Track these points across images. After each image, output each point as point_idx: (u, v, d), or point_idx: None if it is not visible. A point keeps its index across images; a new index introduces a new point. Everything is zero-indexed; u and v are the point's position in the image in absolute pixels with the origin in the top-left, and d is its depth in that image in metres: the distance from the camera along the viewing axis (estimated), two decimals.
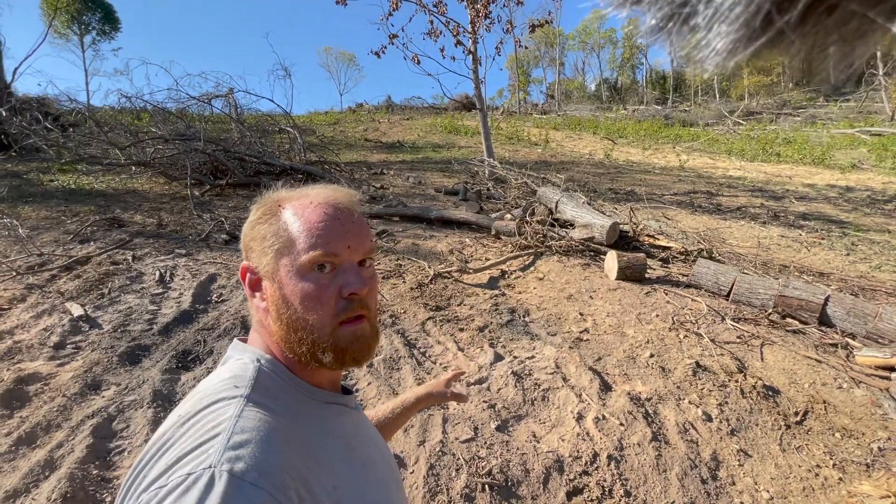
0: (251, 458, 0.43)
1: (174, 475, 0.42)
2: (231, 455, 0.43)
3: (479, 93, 9.26)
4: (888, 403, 2.48)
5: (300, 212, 0.58)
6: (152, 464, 0.45)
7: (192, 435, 0.46)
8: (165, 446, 0.46)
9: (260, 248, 0.58)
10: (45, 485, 1.75)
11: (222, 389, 0.52)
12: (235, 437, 0.45)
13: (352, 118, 21.54)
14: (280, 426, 0.50)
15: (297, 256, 0.56)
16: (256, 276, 0.60)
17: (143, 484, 0.43)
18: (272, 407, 0.52)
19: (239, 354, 0.60)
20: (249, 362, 0.57)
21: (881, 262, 4.93)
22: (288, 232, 0.57)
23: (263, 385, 0.54)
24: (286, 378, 0.58)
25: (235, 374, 0.55)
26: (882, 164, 11.69)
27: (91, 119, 7.89)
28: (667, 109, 28.44)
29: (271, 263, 0.57)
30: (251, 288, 0.61)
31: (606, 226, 4.72)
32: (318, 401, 0.59)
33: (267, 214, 0.59)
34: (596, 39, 50.86)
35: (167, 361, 2.64)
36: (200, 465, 0.42)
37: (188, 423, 0.48)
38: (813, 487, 1.98)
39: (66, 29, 31.19)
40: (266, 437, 0.47)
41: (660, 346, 2.99)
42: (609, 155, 13.08)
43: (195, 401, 0.52)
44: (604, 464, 2.03)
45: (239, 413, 0.48)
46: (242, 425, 0.47)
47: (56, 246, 4.48)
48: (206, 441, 0.45)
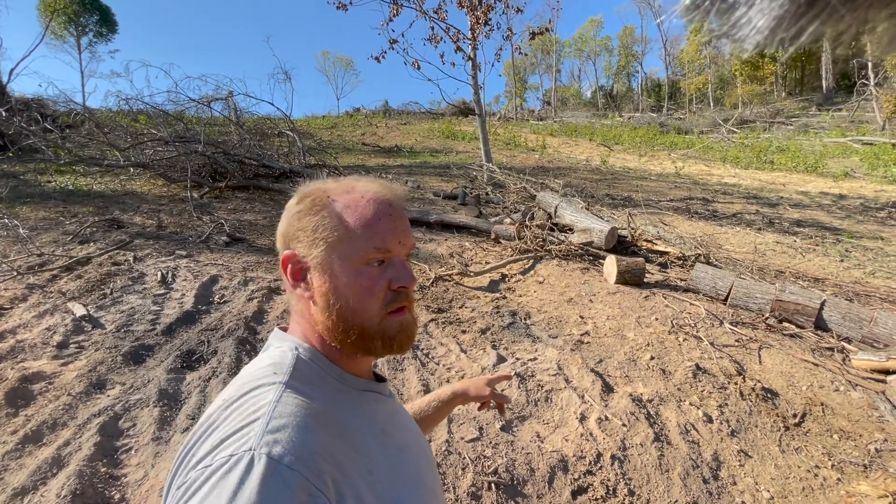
0: (288, 442, 0.46)
1: (218, 455, 0.44)
2: (269, 439, 0.45)
3: (477, 98, 9.33)
4: (884, 406, 2.52)
5: (354, 206, 0.59)
6: (200, 443, 0.48)
7: (235, 418, 0.48)
8: (212, 428, 0.49)
9: (309, 239, 0.59)
10: (53, 482, 1.75)
11: (262, 376, 0.54)
12: (274, 421, 0.47)
13: (349, 122, 21.59)
14: (316, 412, 0.52)
15: (355, 251, 0.58)
16: (301, 266, 0.60)
17: (192, 462, 0.46)
18: (309, 393, 0.54)
19: (279, 343, 0.62)
20: (288, 350, 0.59)
21: (875, 269, 5.01)
22: (343, 226, 0.58)
23: (301, 372, 0.56)
24: (323, 366, 0.60)
25: (275, 362, 0.57)
26: (874, 173, 11.87)
27: (91, 120, 7.88)
28: (662, 117, 28.74)
29: (323, 255, 0.58)
30: (294, 278, 0.61)
31: (605, 230, 4.77)
32: (354, 388, 0.61)
33: (317, 206, 0.60)
34: (592, 47, 51.38)
35: (172, 361, 2.64)
36: (242, 448, 0.44)
37: (231, 407, 0.50)
38: (812, 487, 2.02)
39: (62, 30, 31.14)
40: (303, 422, 0.49)
41: (660, 349, 3.02)
42: (605, 161, 13.20)
43: (238, 385, 0.54)
44: (607, 463, 2.06)
45: (278, 398, 0.50)
46: (281, 410, 0.49)
47: (56, 246, 4.46)
48: (248, 424, 0.47)
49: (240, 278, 3.91)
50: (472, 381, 1.06)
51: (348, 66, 56.73)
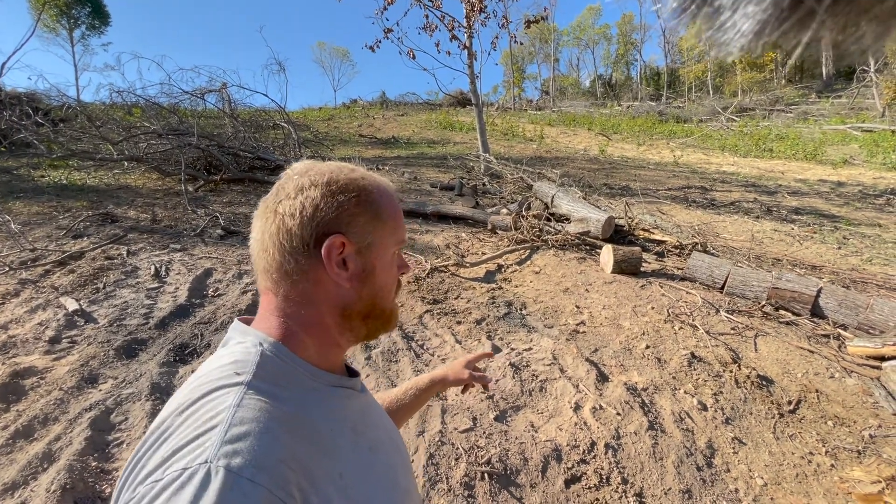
0: (249, 452, 0.42)
1: (170, 469, 0.41)
2: (228, 449, 0.42)
3: (474, 88, 9.25)
4: (879, 392, 2.52)
5: (390, 199, 0.63)
6: (150, 454, 0.44)
7: (189, 425, 0.45)
8: (163, 437, 0.45)
9: (365, 227, 0.60)
10: (43, 477, 1.74)
11: (222, 376, 0.50)
12: (233, 429, 0.43)
13: (346, 114, 21.43)
14: (282, 415, 0.48)
15: (395, 241, 0.63)
16: (341, 250, 0.58)
17: (141, 475, 0.42)
18: (275, 393, 0.50)
19: (241, 337, 0.58)
20: (252, 346, 0.55)
21: (872, 255, 4.99)
22: (389, 218, 0.62)
23: (267, 370, 0.52)
24: (291, 362, 0.55)
25: (237, 360, 0.53)
26: (873, 160, 11.82)
27: (83, 114, 7.79)
28: (661, 105, 28.55)
29: (369, 243, 0.60)
30: (337, 264, 0.58)
31: (602, 220, 4.74)
32: (325, 384, 0.58)
33: (369, 195, 0.61)
34: (590, 35, 50.92)
35: (164, 355, 2.63)
36: (196, 460, 0.41)
37: (186, 412, 0.46)
38: (806, 474, 2.02)
39: (54, 23, 30.76)
40: (266, 427, 0.45)
41: (655, 338, 3.02)
42: (604, 151, 13.13)
43: (193, 387, 0.50)
44: (601, 452, 2.06)
45: (238, 402, 0.46)
46: (241, 416, 0.45)
47: (49, 241, 4.43)
48: (204, 433, 0.43)
49: (234, 271, 3.89)
50: (449, 367, 1.04)
51: (345, 56, 56.26)
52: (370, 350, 2.81)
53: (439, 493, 1.83)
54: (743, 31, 0.20)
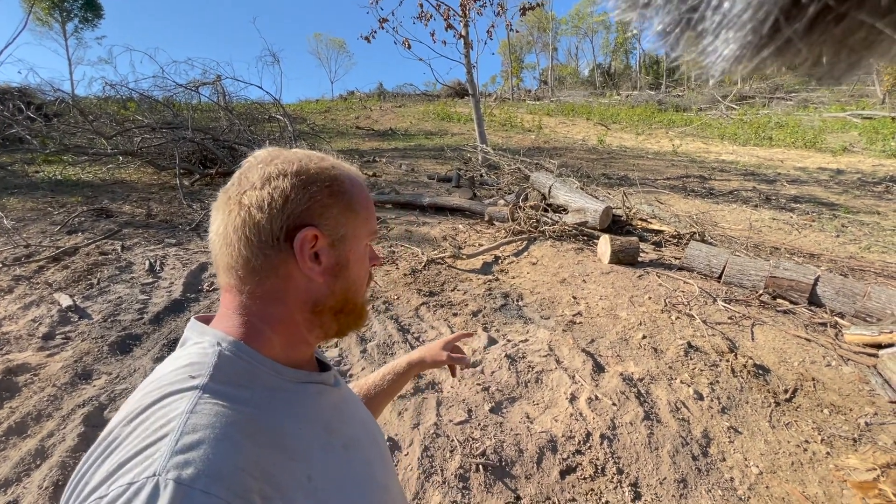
0: (203, 462, 0.39)
1: (114, 484, 0.38)
2: (179, 460, 0.39)
3: (471, 78, 9.16)
4: (875, 380, 2.52)
5: (361, 190, 0.61)
6: (96, 467, 0.40)
7: (137, 436, 0.41)
8: (109, 448, 0.42)
9: (338, 218, 0.57)
10: (36, 473, 1.74)
11: (176, 380, 0.47)
12: (185, 437, 0.41)
13: (343, 106, 21.28)
14: (242, 418, 0.45)
15: (367, 232, 0.61)
16: (314, 243, 0.55)
17: (84, 491, 0.39)
18: (235, 395, 0.47)
19: (198, 337, 0.54)
20: (209, 346, 0.51)
21: (870, 243, 4.98)
22: (361, 207, 0.60)
23: (225, 372, 0.49)
24: (253, 360, 0.52)
25: (192, 362, 0.49)
26: (872, 147, 11.75)
27: (75, 108, 7.71)
28: (660, 95, 28.34)
29: (342, 235, 0.57)
30: (309, 258, 0.54)
31: (599, 210, 4.71)
32: (292, 381, 0.55)
33: (341, 184, 0.58)
34: (589, 24, 50.40)
35: (158, 350, 2.62)
36: (143, 474, 0.37)
37: (135, 422, 0.43)
38: (801, 462, 2.02)
39: (47, 16, 30.38)
40: (223, 433, 0.42)
41: (652, 328, 3.01)
42: (602, 140, 13.05)
43: (144, 393, 0.46)
44: (597, 443, 2.05)
45: (191, 409, 0.43)
46: (195, 423, 0.42)
47: (43, 237, 4.40)
48: (152, 444, 0.40)
49: None
50: (426, 349, 1.02)
51: (341, 48, 55.74)
52: (366, 343, 2.80)
53: (434, 485, 1.83)
54: (724, 56, 0.20)
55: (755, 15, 0.18)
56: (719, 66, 0.21)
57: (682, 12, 0.21)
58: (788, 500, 1.83)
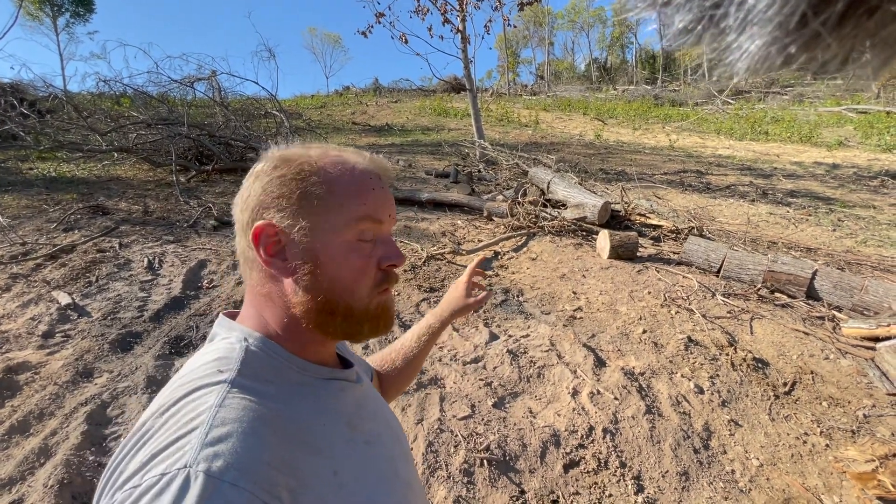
0: (231, 455, 0.40)
1: (148, 474, 0.39)
2: (208, 452, 0.40)
3: (468, 73, 9.12)
4: (873, 372, 2.54)
5: (345, 176, 0.55)
6: (130, 457, 0.42)
7: (169, 428, 0.43)
8: (143, 439, 0.43)
9: (294, 207, 0.52)
10: (40, 472, 1.74)
11: (205, 374, 0.48)
12: (215, 430, 0.42)
13: (339, 101, 21.16)
14: (269, 413, 0.46)
15: (347, 223, 0.53)
16: (278, 238, 0.53)
17: (120, 480, 0.40)
18: (261, 391, 0.48)
19: (226, 333, 0.56)
20: (236, 342, 0.53)
21: (867, 237, 5.02)
22: (334, 193, 0.53)
23: (252, 367, 0.50)
24: (279, 356, 0.53)
25: (220, 357, 0.51)
26: (868, 141, 11.81)
27: (69, 104, 7.63)
28: (656, 89, 28.36)
29: (310, 226, 0.52)
30: (268, 252, 0.53)
31: (598, 205, 4.72)
32: (316, 378, 0.56)
33: (305, 172, 0.53)
34: (585, 18, 50.26)
35: (160, 347, 2.61)
36: (175, 465, 0.39)
37: (167, 414, 0.45)
38: (801, 454, 2.04)
39: (37, 11, 29.98)
40: (250, 428, 0.43)
41: (652, 323, 3.02)
42: (599, 135, 13.05)
43: (176, 387, 0.48)
44: (599, 437, 2.07)
45: (220, 402, 0.44)
46: (223, 416, 0.43)
47: (39, 234, 4.37)
48: (184, 436, 0.41)
49: (229, 262, 3.86)
50: (451, 301, 0.97)
51: (336, 43, 55.32)
52: None
53: (439, 480, 1.84)
54: (749, 53, 0.20)
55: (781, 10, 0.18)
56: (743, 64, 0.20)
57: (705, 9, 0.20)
58: (789, 492, 1.86)
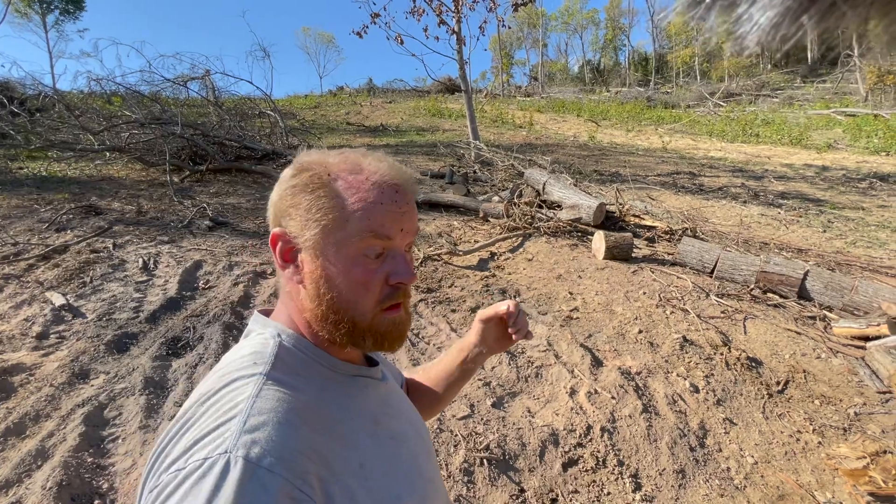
0: (267, 442, 0.43)
1: (192, 458, 0.42)
2: (247, 439, 0.42)
3: (463, 74, 9.14)
4: (863, 371, 2.59)
5: (356, 188, 0.54)
6: (174, 443, 0.45)
7: (211, 415, 0.46)
8: (187, 425, 0.46)
9: (303, 218, 0.54)
10: (38, 474, 1.72)
11: (242, 367, 0.51)
12: (252, 419, 0.44)
13: (333, 102, 21.09)
14: (300, 405, 0.49)
15: (350, 237, 0.53)
16: (291, 246, 0.55)
17: (165, 463, 0.43)
18: (293, 384, 0.51)
19: (260, 329, 0.59)
20: (270, 337, 0.56)
21: (856, 238, 5.10)
22: (341, 208, 0.53)
23: (284, 361, 0.53)
24: (309, 353, 0.56)
25: (256, 351, 0.54)
26: (856, 144, 12.00)
27: (61, 103, 7.54)
28: (649, 91, 28.60)
29: (316, 238, 0.53)
30: (284, 258, 0.56)
31: (593, 206, 4.76)
32: (343, 374, 0.58)
33: (315, 183, 0.54)
34: (578, 20, 50.54)
35: (157, 348, 2.59)
36: (216, 450, 0.42)
37: (208, 402, 0.48)
38: (794, 452, 2.08)
39: (26, 8, 29.57)
40: (284, 418, 0.46)
41: (648, 323, 3.06)
42: (593, 137, 13.13)
43: (216, 377, 0.51)
44: (597, 436, 2.09)
45: (257, 393, 0.47)
46: (260, 406, 0.46)
47: (31, 235, 4.32)
48: (224, 423, 0.44)
49: (224, 263, 3.84)
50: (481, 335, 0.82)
51: (330, 42, 55.17)
52: None
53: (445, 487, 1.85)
54: (760, 24, 0.19)
55: None
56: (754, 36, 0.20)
57: None
58: (783, 489, 1.89)
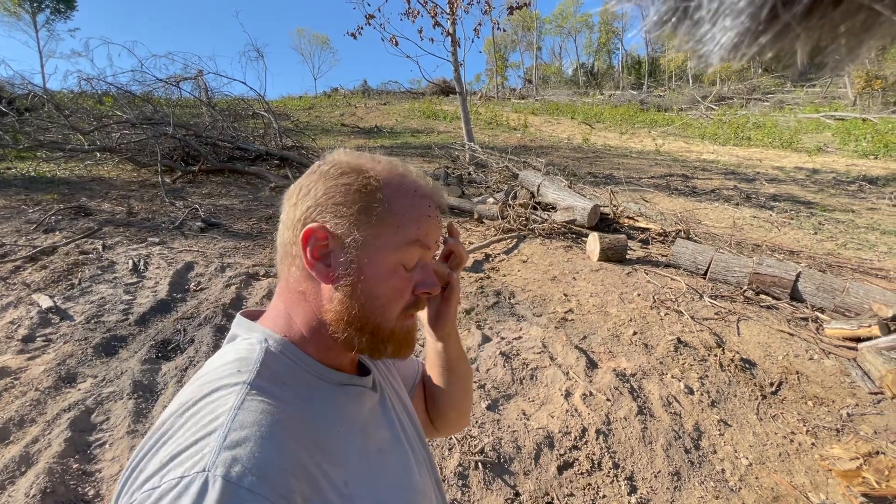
0: (249, 460, 0.40)
1: (167, 476, 0.39)
2: (227, 456, 0.40)
3: (458, 76, 9.15)
4: (855, 372, 2.61)
5: (406, 197, 0.55)
6: (150, 456, 0.42)
7: (189, 428, 0.43)
8: (164, 438, 0.43)
9: (353, 218, 0.53)
10: (21, 481, 1.68)
11: (224, 375, 0.48)
12: (233, 434, 0.41)
13: (327, 103, 21.03)
14: (286, 417, 0.46)
15: (399, 245, 0.54)
16: (327, 243, 0.53)
17: (139, 479, 0.40)
18: (279, 394, 0.48)
19: (246, 333, 0.56)
20: (256, 343, 0.53)
21: (846, 240, 5.15)
22: (394, 215, 0.54)
23: (271, 369, 0.50)
24: (297, 360, 0.53)
25: (240, 357, 0.51)
26: (845, 147, 12.16)
27: (50, 102, 7.44)
28: (642, 94, 28.81)
29: (363, 240, 0.53)
30: (314, 255, 0.53)
31: (588, 208, 4.77)
32: (333, 383, 0.55)
33: (371, 186, 0.54)
34: (572, 24, 50.85)
35: (146, 352, 2.55)
36: (194, 468, 0.39)
37: (187, 414, 0.44)
38: (788, 453, 2.08)
39: (16, 6, 29.24)
40: (268, 432, 0.43)
41: (642, 324, 3.06)
42: (587, 139, 13.20)
43: (197, 386, 0.48)
44: (592, 438, 2.08)
45: (239, 404, 0.44)
46: (242, 419, 0.43)
47: (18, 236, 4.24)
48: (202, 438, 0.41)
49: (216, 264, 3.79)
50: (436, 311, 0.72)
51: (324, 44, 55.05)
52: None
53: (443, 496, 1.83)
54: (722, 44, 0.20)
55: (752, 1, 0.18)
56: (717, 55, 0.21)
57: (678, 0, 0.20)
58: (777, 490, 1.89)
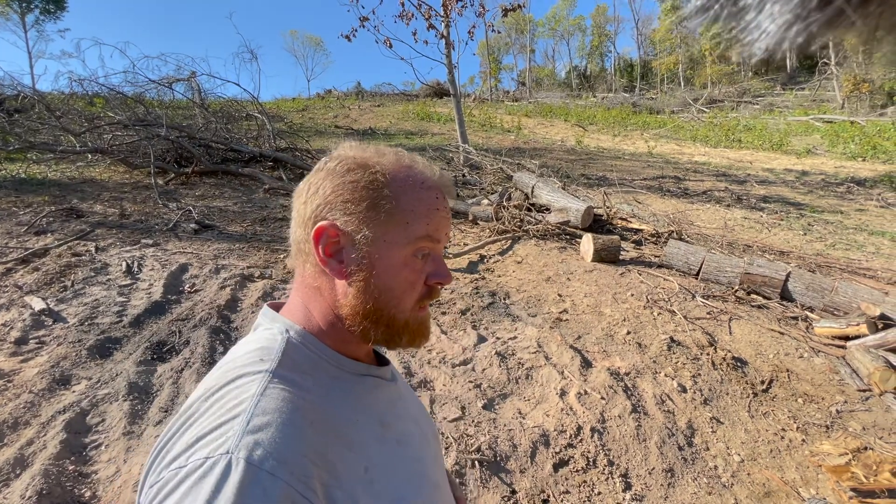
0: (271, 444, 0.42)
1: (193, 456, 0.41)
2: (249, 440, 0.41)
3: (452, 78, 9.19)
4: (844, 370, 2.66)
5: (413, 191, 0.56)
6: (176, 438, 0.44)
7: (214, 412, 0.45)
8: (190, 421, 0.45)
9: (362, 214, 0.54)
10: (16, 483, 1.67)
11: (248, 363, 0.50)
12: (256, 419, 0.43)
13: (321, 105, 20.99)
14: (306, 405, 0.48)
15: (409, 239, 0.55)
16: (338, 240, 0.54)
17: (167, 458, 0.43)
18: (299, 382, 0.50)
19: (269, 324, 0.58)
20: (278, 333, 0.55)
21: (835, 241, 5.24)
22: (403, 210, 0.55)
23: (292, 358, 0.52)
24: (318, 350, 0.55)
25: (263, 346, 0.53)
26: (834, 150, 12.35)
27: (41, 103, 7.38)
28: (634, 97, 29.06)
29: (373, 236, 0.54)
30: (326, 252, 0.54)
31: (581, 210, 4.81)
32: (351, 373, 0.57)
33: (378, 182, 0.55)
34: (565, 26, 51.20)
35: (141, 353, 2.54)
36: (218, 450, 0.41)
37: (212, 398, 0.46)
38: (779, 449, 2.11)
39: (5, 7, 28.93)
40: (289, 419, 0.45)
41: (636, 324, 3.09)
42: (580, 141, 13.28)
43: (222, 372, 0.50)
44: (587, 436, 2.10)
45: (261, 391, 0.46)
46: (264, 406, 0.45)
47: (9, 238, 4.20)
48: (227, 422, 0.43)
49: (211, 266, 3.78)
50: None
51: (318, 45, 54.97)
52: None
53: None
54: (768, 32, 0.19)
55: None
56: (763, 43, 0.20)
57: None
58: (769, 486, 1.92)
